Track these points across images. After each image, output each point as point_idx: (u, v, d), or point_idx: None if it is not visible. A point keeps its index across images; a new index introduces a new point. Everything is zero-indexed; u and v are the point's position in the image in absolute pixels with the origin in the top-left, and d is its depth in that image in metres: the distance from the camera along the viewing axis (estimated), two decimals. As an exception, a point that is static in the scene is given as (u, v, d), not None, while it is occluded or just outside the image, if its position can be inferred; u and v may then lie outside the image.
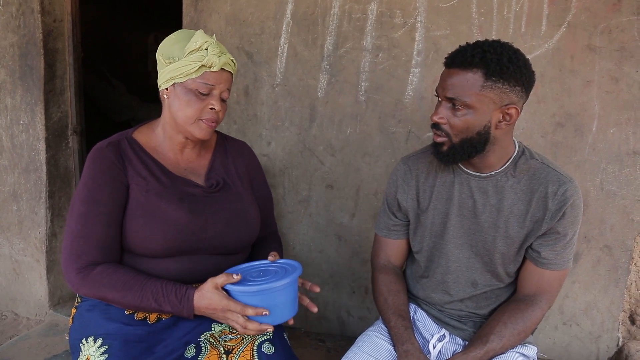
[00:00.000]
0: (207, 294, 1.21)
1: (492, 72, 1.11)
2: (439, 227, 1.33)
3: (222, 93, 1.31)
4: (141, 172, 1.31)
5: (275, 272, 1.28)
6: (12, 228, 2.45)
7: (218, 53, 1.26)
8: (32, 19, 2.21)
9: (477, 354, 1.19)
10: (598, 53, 1.62)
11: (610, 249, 1.69)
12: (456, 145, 1.20)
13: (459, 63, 1.15)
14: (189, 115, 1.28)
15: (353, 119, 1.87)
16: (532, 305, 1.24)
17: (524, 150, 1.28)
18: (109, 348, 1.19)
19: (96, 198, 1.25)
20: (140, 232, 1.26)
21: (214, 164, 1.44)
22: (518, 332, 1.22)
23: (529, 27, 1.66)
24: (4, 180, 2.42)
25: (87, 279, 1.23)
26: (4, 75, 2.32)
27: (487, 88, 1.12)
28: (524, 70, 1.14)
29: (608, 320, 1.72)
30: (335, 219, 1.96)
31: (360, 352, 1.31)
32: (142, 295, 1.21)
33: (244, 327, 1.19)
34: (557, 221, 1.20)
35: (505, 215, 1.24)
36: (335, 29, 1.83)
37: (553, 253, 1.23)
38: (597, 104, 1.64)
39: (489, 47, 1.13)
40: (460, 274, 1.33)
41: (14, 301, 2.54)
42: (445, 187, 1.32)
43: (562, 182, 1.20)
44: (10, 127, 2.36)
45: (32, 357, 2.12)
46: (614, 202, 1.67)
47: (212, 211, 1.35)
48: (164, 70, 1.29)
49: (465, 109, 1.15)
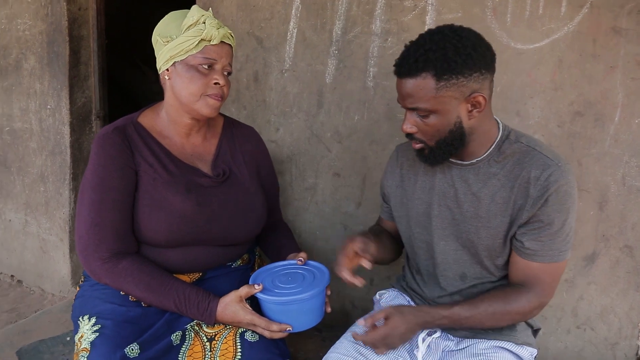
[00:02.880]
0: (231, 307, 1.23)
1: (441, 71, 1.05)
2: (422, 217, 1.29)
3: (225, 67, 1.28)
4: (148, 158, 1.29)
5: (303, 278, 1.29)
6: (39, 208, 2.57)
7: (216, 25, 1.24)
8: (58, 7, 2.30)
9: (443, 312, 1.16)
10: (624, 36, 1.49)
11: (631, 250, 1.56)
12: (434, 148, 1.15)
13: (405, 72, 1.09)
14: (193, 92, 1.25)
15: (361, 105, 1.82)
16: (519, 293, 1.16)
17: (509, 133, 1.19)
18: (102, 327, 1.21)
19: (108, 185, 1.24)
20: (144, 221, 1.26)
21: (220, 150, 1.42)
22: (493, 312, 1.15)
23: (547, 8, 1.55)
24: (33, 162, 2.53)
25: (112, 271, 1.23)
26: (34, 62, 2.43)
27: (442, 88, 1.06)
28: (474, 54, 1.06)
29: (626, 327, 1.59)
30: (341, 207, 1.92)
31: (346, 341, 1.28)
32: (164, 300, 1.23)
33: (270, 337, 1.23)
34: (540, 208, 1.11)
35: (487, 204, 1.17)
36: (344, 13, 1.79)
37: (538, 244, 1.13)
38: (620, 92, 1.51)
39: (431, 44, 1.07)
40: (448, 267, 1.26)
41: (40, 277, 2.66)
42: (428, 176, 1.28)
43: (546, 166, 1.11)
44: (39, 111, 2.46)
45: (52, 330, 2.21)
46: (637, 199, 1.53)
47: (219, 203, 1.34)
48: (163, 50, 1.26)
49: (430, 114, 1.10)
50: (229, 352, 1.21)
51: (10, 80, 2.53)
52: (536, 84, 1.58)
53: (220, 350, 1.22)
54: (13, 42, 2.47)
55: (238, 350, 1.22)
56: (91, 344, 1.17)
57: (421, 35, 1.12)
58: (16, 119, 2.55)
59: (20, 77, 2.49)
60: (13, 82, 2.52)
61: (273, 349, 1.27)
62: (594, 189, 1.57)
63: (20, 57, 2.47)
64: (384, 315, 1.16)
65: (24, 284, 2.76)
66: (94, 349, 1.16)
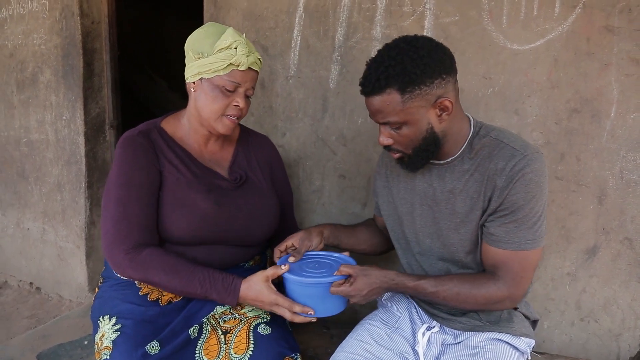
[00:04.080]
0: (256, 286, 1.26)
1: (404, 85, 1.09)
2: (407, 216, 1.34)
3: (247, 91, 1.34)
4: (173, 160, 1.35)
5: (330, 266, 1.32)
6: (56, 216, 2.65)
7: (247, 53, 1.29)
8: (72, 22, 2.39)
9: (408, 283, 1.20)
10: (617, 34, 1.54)
11: (631, 242, 1.59)
12: (412, 156, 1.20)
13: (370, 91, 1.14)
14: (214, 111, 1.31)
15: (364, 109, 1.85)
16: (488, 279, 1.18)
17: (480, 128, 1.23)
18: (122, 327, 1.27)
19: (134, 181, 1.29)
20: (167, 218, 1.31)
21: (236, 157, 1.49)
22: (457, 292, 1.17)
23: (541, 9, 1.60)
24: (50, 172, 2.62)
25: (135, 260, 1.26)
26: (50, 75, 2.52)
27: (408, 100, 1.11)
28: (431, 62, 1.09)
29: (629, 318, 1.62)
30: (347, 208, 1.97)
31: (352, 340, 1.32)
32: (189, 280, 1.25)
33: (291, 319, 1.25)
34: (505, 197, 1.14)
35: (462, 199, 1.21)
36: (345, 19, 1.85)
37: (503, 230, 1.15)
38: (615, 88, 1.55)
39: (389, 60, 1.10)
40: (434, 264, 1.31)
41: (58, 284, 2.74)
42: (409, 177, 1.33)
43: (512, 156, 1.14)
44: (55, 122, 2.55)
45: (71, 335, 2.27)
46: (635, 192, 1.57)
47: (237, 205, 1.39)
48: (193, 64, 1.31)
49: (402, 125, 1.15)
50: (242, 344, 1.27)
51: (27, 94, 2.63)
52: (533, 83, 1.62)
53: (234, 343, 1.28)
54: (29, 56, 2.57)
55: (251, 343, 1.27)
56: (113, 343, 1.23)
57: (379, 52, 1.15)
58: (33, 130, 2.65)
59: (37, 90, 2.58)
60: (30, 95, 2.62)
61: (284, 342, 1.32)
62: (593, 184, 1.60)
63: (36, 71, 2.56)
64: (349, 273, 1.22)
65: (43, 290, 2.84)
66: (116, 347, 1.22)
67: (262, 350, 1.27)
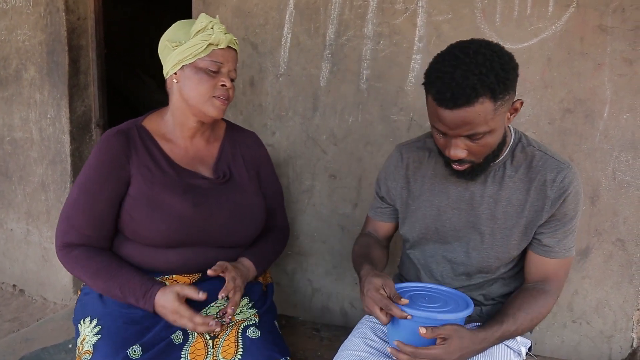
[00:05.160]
0: (166, 295, 1.22)
1: (498, 92, 1.02)
2: (431, 219, 1.29)
3: (230, 72, 1.34)
4: (147, 162, 1.33)
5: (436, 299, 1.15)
6: (41, 217, 2.59)
7: (224, 30, 1.31)
8: (57, 18, 2.33)
9: (495, 334, 1.12)
10: (610, 34, 1.53)
11: (623, 243, 1.58)
12: (482, 164, 1.15)
13: (462, 103, 1.01)
14: (202, 93, 1.31)
15: (355, 107, 1.85)
16: (544, 293, 1.20)
17: (520, 138, 1.23)
18: (102, 329, 1.23)
19: (90, 189, 1.30)
20: (143, 222, 1.29)
21: (222, 153, 1.46)
22: (531, 318, 1.17)
23: (535, 8, 1.58)
24: (34, 171, 2.56)
25: (64, 258, 1.30)
26: (34, 72, 2.46)
27: (499, 108, 1.04)
28: (513, 64, 1.06)
29: (621, 320, 1.61)
30: (338, 208, 1.94)
31: (355, 338, 1.30)
32: (111, 285, 1.26)
33: (193, 329, 1.21)
34: (557, 209, 1.16)
35: (504, 206, 1.21)
36: (336, 17, 1.82)
37: (554, 240, 1.19)
38: (608, 88, 1.55)
39: (480, 66, 1.00)
40: (456, 267, 1.29)
41: (43, 286, 2.68)
42: (438, 178, 1.29)
43: (560, 169, 1.16)
44: (39, 120, 2.50)
45: (54, 338, 2.22)
46: (628, 193, 1.56)
47: (217, 204, 1.36)
48: (171, 55, 1.32)
49: (484, 135, 1.07)
50: (230, 348, 1.23)
51: (10, 91, 2.57)
52: (526, 82, 1.61)
53: (223, 347, 1.24)
54: (13, 52, 2.51)
55: (240, 347, 1.24)
56: (93, 347, 1.19)
57: (459, 59, 1.03)
58: (17, 128, 2.58)
59: (21, 87, 2.52)
60: (13, 92, 2.56)
61: (273, 346, 1.29)
62: (586, 184, 1.59)
63: (20, 68, 2.50)
64: (443, 335, 1.05)
65: (26, 293, 2.78)
66: (97, 351, 1.18)
67: (252, 353, 1.23)
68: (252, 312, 1.37)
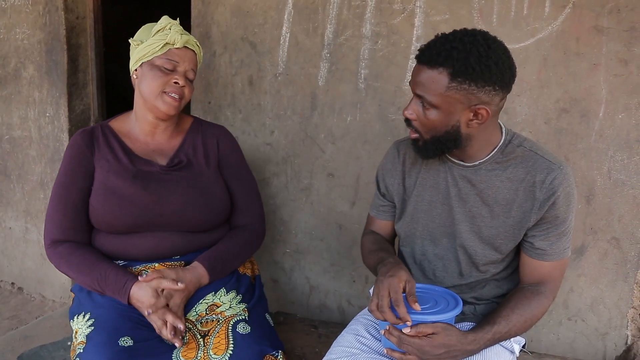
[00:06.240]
0: (142, 290, 1.29)
1: (458, 72, 1.05)
2: (422, 214, 1.30)
3: (187, 72, 1.41)
4: (107, 155, 1.42)
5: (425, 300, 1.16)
6: (39, 215, 2.59)
7: (180, 31, 1.39)
8: (56, 16, 2.33)
9: (486, 335, 1.12)
10: (606, 34, 1.54)
11: (618, 241, 1.60)
12: (428, 142, 1.17)
13: (425, 60, 1.10)
14: (153, 89, 1.38)
15: (353, 106, 1.86)
16: (538, 294, 1.19)
17: (512, 137, 1.22)
18: (95, 321, 1.26)
19: (64, 184, 1.40)
20: (100, 209, 1.37)
21: (183, 145, 1.51)
22: (524, 320, 1.16)
23: (531, 8, 1.60)
24: (33, 170, 2.56)
25: (52, 255, 1.38)
26: (33, 71, 2.46)
27: (452, 89, 1.07)
28: (494, 69, 1.06)
29: (616, 317, 1.63)
30: (336, 207, 1.96)
31: (348, 334, 1.31)
32: (90, 278, 1.32)
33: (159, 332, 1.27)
34: (547, 211, 1.15)
35: (490, 204, 1.21)
36: (335, 17, 1.83)
37: (547, 243, 1.18)
38: (604, 88, 1.56)
39: (459, 42, 1.06)
40: (448, 264, 1.30)
41: (41, 284, 2.69)
42: (431, 174, 1.30)
43: (550, 170, 1.15)
44: (38, 119, 2.50)
45: (53, 336, 2.22)
46: (623, 192, 1.58)
47: (168, 188, 1.41)
48: (133, 53, 1.41)
49: (432, 108, 1.12)
50: (221, 344, 1.25)
51: (9, 89, 2.57)
52: (523, 82, 1.62)
53: (213, 344, 1.25)
54: (12, 51, 2.51)
55: (230, 343, 1.25)
56: (87, 337, 1.23)
57: (454, 32, 1.11)
58: (15, 127, 2.59)
59: (19, 86, 2.52)
60: (12, 90, 2.56)
61: (265, 340, 1.30)
62: (581, 183, 1.61)
63: (19, 66, 2.50)
64: (431, 331, 1.08)
65: (25, 291, 2.78)
66: (90, 341, 1.21)
67: (243, 349, 1.24)
68: (242, 306, 1.39)
